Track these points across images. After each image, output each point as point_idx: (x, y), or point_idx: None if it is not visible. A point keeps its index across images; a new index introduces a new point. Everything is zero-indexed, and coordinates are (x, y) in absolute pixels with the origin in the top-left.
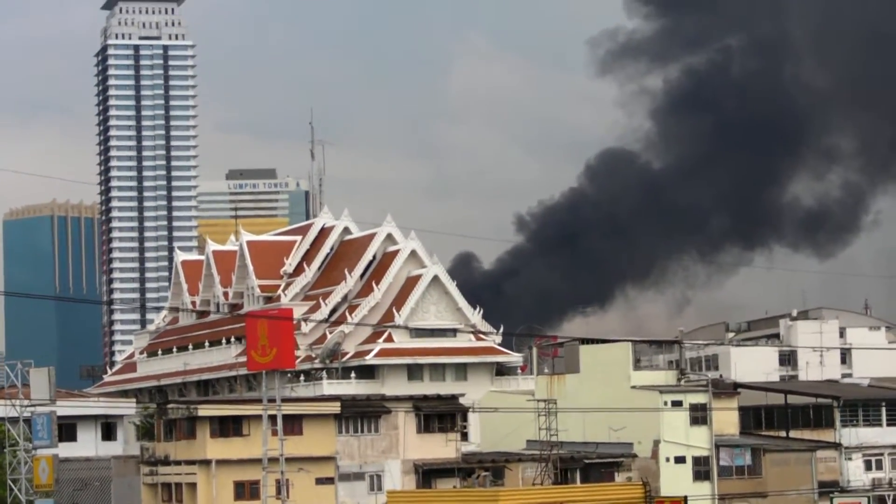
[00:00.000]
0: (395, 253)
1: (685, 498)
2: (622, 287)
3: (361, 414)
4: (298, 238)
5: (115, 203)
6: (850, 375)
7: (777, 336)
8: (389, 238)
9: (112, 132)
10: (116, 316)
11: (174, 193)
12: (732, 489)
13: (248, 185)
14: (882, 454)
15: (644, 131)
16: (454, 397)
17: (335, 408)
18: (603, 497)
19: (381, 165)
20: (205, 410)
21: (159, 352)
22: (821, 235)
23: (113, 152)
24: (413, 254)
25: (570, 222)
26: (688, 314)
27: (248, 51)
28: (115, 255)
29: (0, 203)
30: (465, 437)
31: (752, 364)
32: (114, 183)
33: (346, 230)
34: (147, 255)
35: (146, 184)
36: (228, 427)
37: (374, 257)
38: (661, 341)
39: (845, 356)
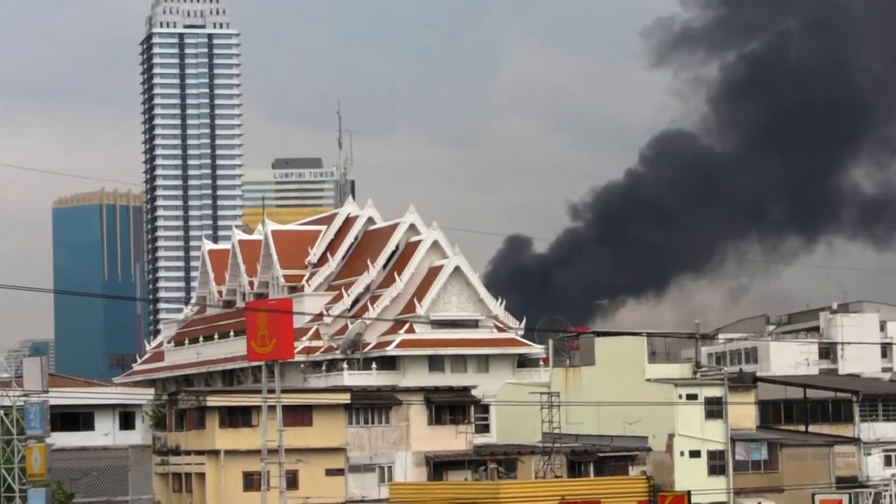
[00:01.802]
0: (418, 243)
1: (688, 493)
2: (676, 276)
3: (372, 405)
4: (323, 228)
5: (160, 192)
6: (890, 370)
7: (817, 329)
8: (413, 228)
9: (157, 121)
10: (162, 304)
11: (219, 182)
12: (748, 484)
13: (293, 175)
14: None
15: (699, 116)
16: (466, 389)
17: (345, 399)
18: (605, 491)
19: (429, 155)
20: (213, 401)
21: (186, 341)
22: (880, 225)
23: (158, 141)
24: (435, 244)
25: (623, 209)
26: (743, 304)
27: (294, 38)
28: (160, 243)
29: (49, 191)
30: (485, 429)
31: (791, 357)
32: (159, 172)
33: (371, 220)
34: (192, 243)
35: (191, 172)
36: (237, 417)
37: (397, 247)
38: (679, 335)
39: (886, 350)
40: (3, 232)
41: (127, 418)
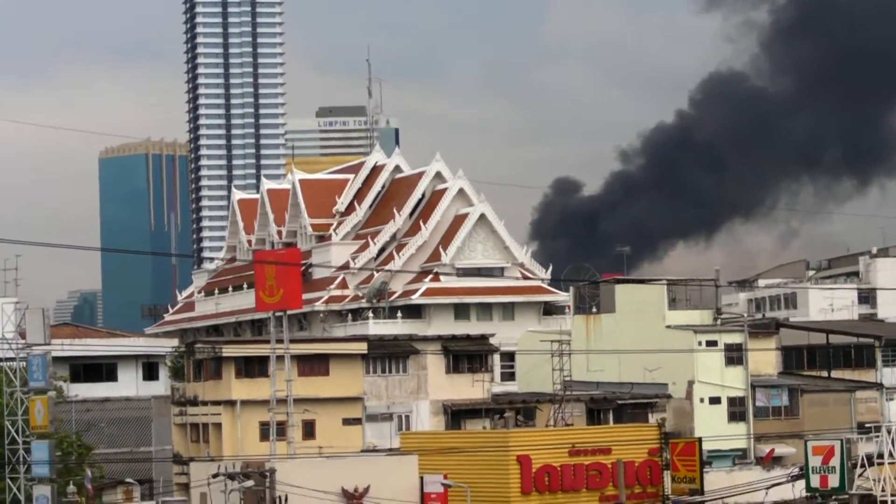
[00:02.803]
0: (444, 191)
1: (699, 440)
2: (727, 220)
3: (389, 354)
4: (351, 177)
5: (203, 141)
6: None
7: (857, 274)
8: (439, 176)
9: (200, 70)
10: (205, 254)
11: (262, 132)
12: (769, 430)
13: (337, 123)
14: None
15: (750, 59)
16: (484, 337)
17: (362, 348)
18: (617, 438)
19: (476, 105)
20: (230, 351)
21: (216, 291)
22: None
23: (201, 90)
24: (461, 192)
25: (673, 151)
26: (792, 249)
27: None
28: (204, 193)
29: (96, 141)
30: (511, 377)
31: (829, 302)
32: (202, 121)
33: (398, 168)
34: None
35: (234, 122)
36: (253, 367)
37: (423, 196)
38: (698, 282)
39: None
40: (51, 182)
41: (150, 369)
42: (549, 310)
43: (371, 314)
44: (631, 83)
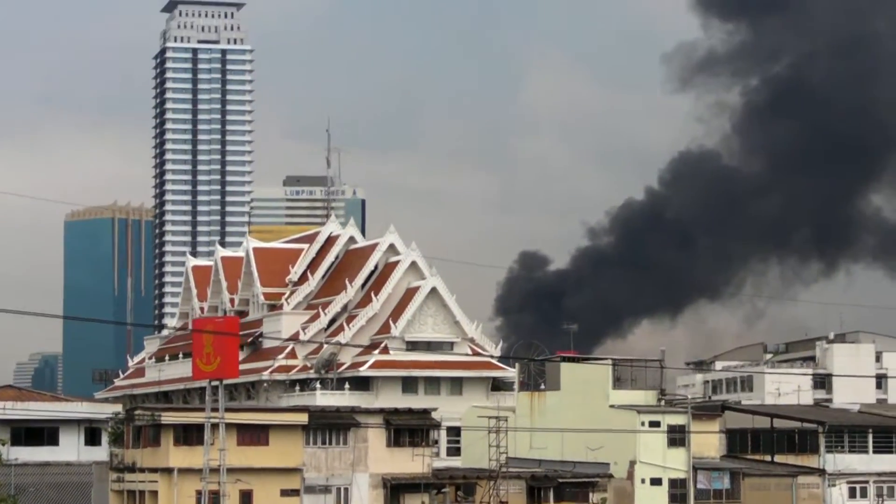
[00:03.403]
0: (396, 264)
1: None
2: (693, 299)
3: (330, 426)
4: (305, 246)
5: (168, 207)
6: (885, 401)
7: (814, 358)
8: (392, 249)
9: (168, 135)
10: (165, 320)
11: (228, 199)
12: None
13: (304, 192)
14: (867, 482)
15: (721, 139)
16: (426, 411)
17: (303, 419)
18: None
19: (449, 175)
20: (168, 418)
21: (167, 357)
22: None
23: (168, 156)
24: (414, 265)
25: (642, 228)
26: (757, 330)
27: (308, 56)
28: (167, 258)
29: (61, 205)
30: (457, 452)
31: (785, 386)
32: (168, 187)
33: (352, 239)
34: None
35: (200, 188)
36: (192, 435)
37: (376, 268)
38: (645, 363)
39: (881, 381)
40: (15, 244)
41: (93, 434)
42: (499, 385)
43: (319, 385)
44: (602, 158)
